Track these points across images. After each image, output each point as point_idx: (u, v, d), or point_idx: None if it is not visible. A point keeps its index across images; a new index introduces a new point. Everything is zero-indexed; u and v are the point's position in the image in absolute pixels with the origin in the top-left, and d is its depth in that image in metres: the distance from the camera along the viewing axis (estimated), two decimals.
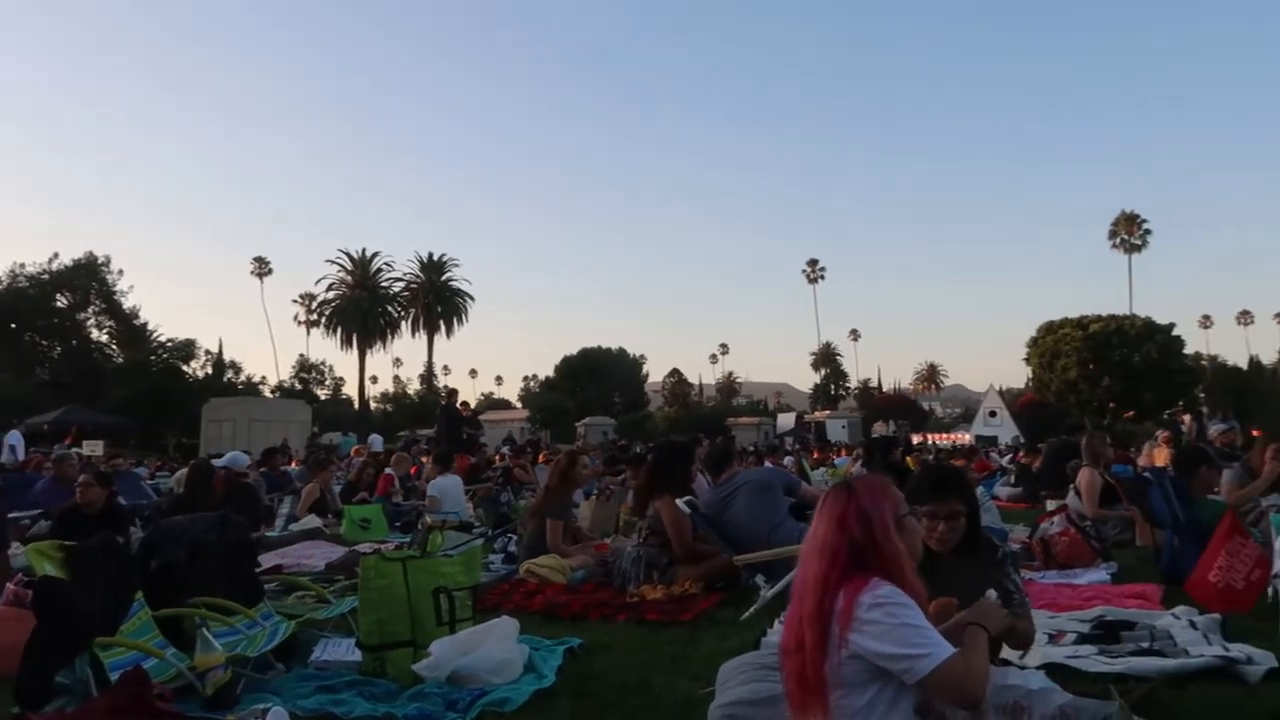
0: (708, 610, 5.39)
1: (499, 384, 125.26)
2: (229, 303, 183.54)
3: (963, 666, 2.14)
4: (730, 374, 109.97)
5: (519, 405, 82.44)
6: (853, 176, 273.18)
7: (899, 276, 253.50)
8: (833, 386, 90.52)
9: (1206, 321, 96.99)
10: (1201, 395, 49.77)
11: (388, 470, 11.70)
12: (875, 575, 2.19)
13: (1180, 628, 4.45)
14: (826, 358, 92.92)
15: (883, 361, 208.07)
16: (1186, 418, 22.66)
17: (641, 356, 76.53)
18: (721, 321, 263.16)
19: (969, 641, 2.32)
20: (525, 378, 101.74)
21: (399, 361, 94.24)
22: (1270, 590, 4.82)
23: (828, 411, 66.15)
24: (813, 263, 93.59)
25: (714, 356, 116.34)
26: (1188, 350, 50.70)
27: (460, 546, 5.15)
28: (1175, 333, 48.06)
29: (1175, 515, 6.03)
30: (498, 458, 17.42)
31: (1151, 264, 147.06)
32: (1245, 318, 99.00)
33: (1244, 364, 59.12)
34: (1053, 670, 3.77)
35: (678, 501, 6.30)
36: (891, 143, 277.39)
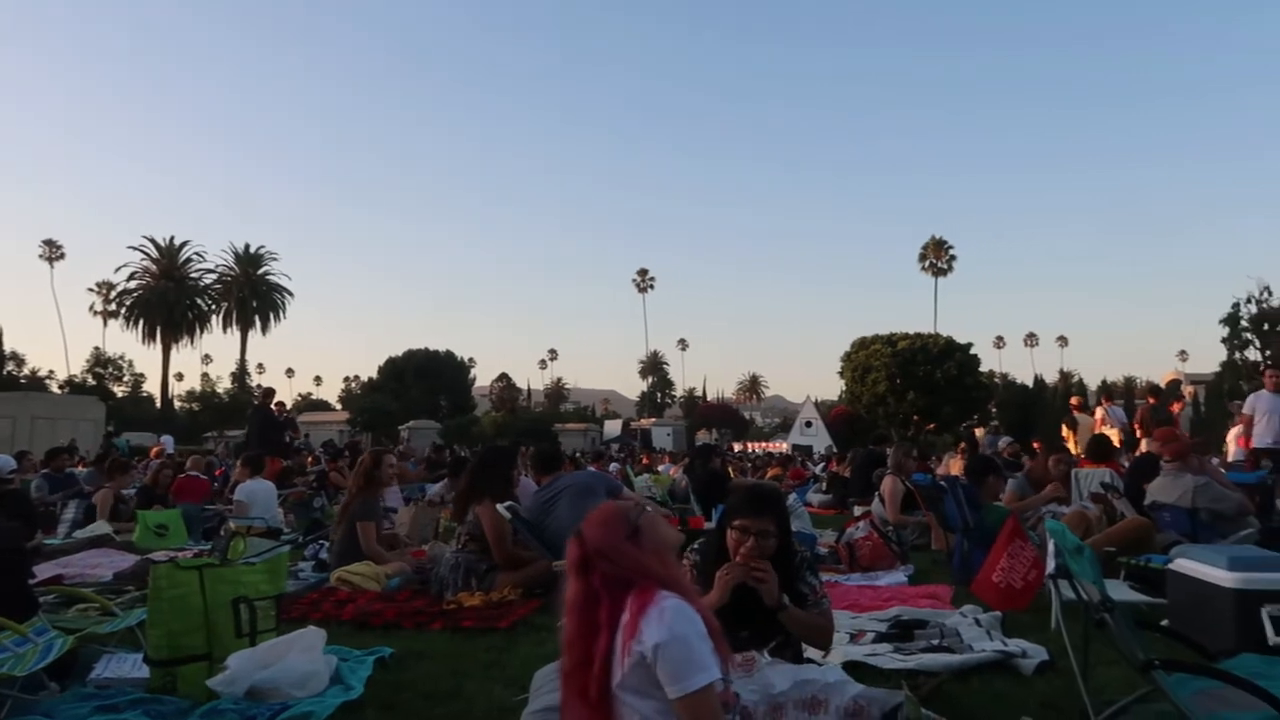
0: (525, 616, 5.34)
1: (318, 384, 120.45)
2: (12, 288, 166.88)
3: (712, 699, 2.15)
4: (559, 380, 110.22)
5: (339, 407, 79.57)
6: (685, 188, 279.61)
7: (727, 289, 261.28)
8: (659, 394, 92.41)
9: (1000, 342, 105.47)
10: (993, 410, 53.93)
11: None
12: (656, 588, 2.22)
13: (967, 625, 4.79)
14: (654, 366, 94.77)
15: (708, 371, 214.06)
16: (980, 431, 24.45)
17: (470, 360, 75.45)
18: (552, 327, 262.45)
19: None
20: (346, 378, 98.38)
21: (208, 358, 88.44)
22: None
23: (653, 419, 67.32)
24: (643, 272, 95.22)
25: (543, 362, 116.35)
26: (983, 368, 54.82)
27: (265, 553, 4.87)
28: (973, 351, 51.86)
29: (965, 521, 6.48)
30: (310, 460, 16.71)
31: (955, 287, 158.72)
32: (1031, 340, 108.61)
33: (1030, 382, 64.42)
34: (852, 667, 3.96)
35: (498, 506, 6.23)
36: (723, 155, 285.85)
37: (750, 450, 41.79)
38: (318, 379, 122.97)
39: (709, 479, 10.17)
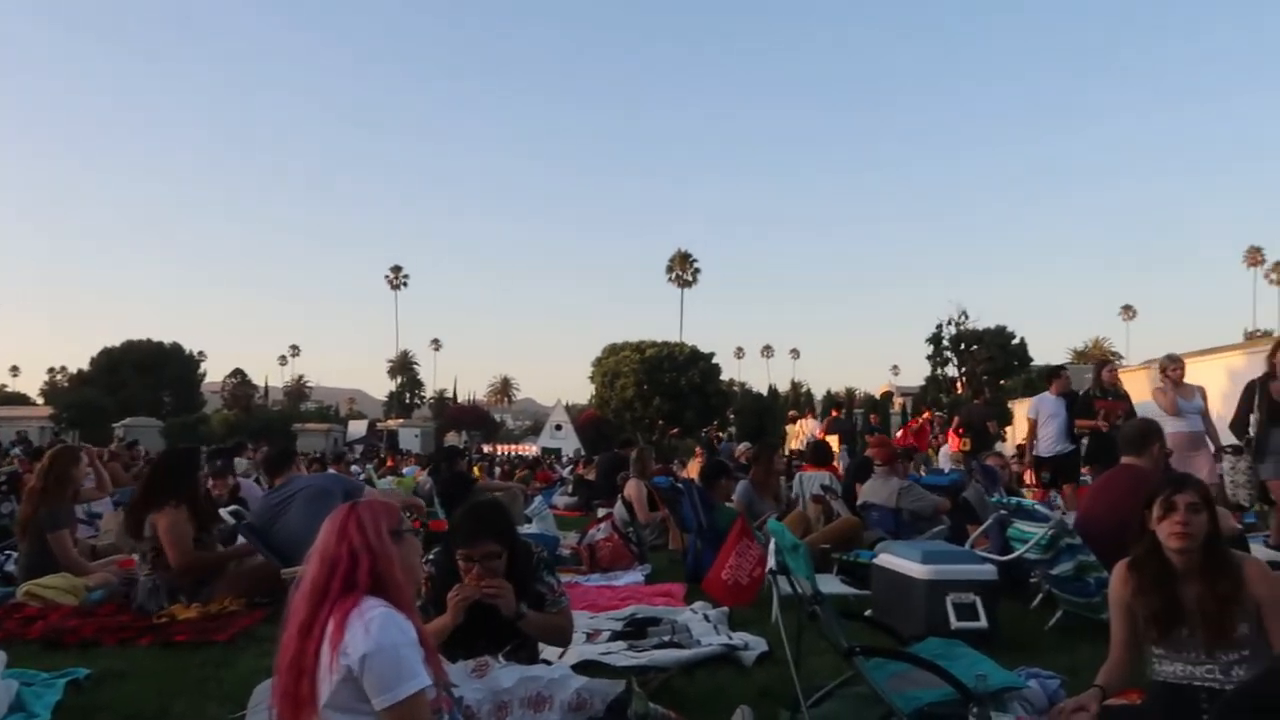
0: (248, 628, 5.00)
1: (15, 375, 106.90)
2: None
3: (423, 708, 2.12)
4: (300, 377, 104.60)
5: (40, 401, 71.22)
6: (443, 187, 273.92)
7: (483, 291, 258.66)
8: (409, 395, 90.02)
9: (740, 353, 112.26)
10: (731, 416, 57.10)
11: None
12: (368, 593, 2.15)
13: (696, 621, 5.03)
14: (404, 366, 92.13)
15: (460, 372, 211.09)
16: (719, 435, 25.81)
17: (200, 353, 70.33)
18: (295, 322, 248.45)
19: (437, 632, 2.38)
20: (51, 370, 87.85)
21: None
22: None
23: (401, 420, 65.68)
24: (396, 269, 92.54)
25: (284, 358, 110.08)
26: (723, 377, 57.94)
27: None
28: (714, 361, 54.71)
29: (699, 521, 6.79)
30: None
31: (700, 298, 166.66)
32: (768, 351, 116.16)
33: (765, 390, 68.78)
34: (587, 666, 4.05)
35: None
36: (484, 156, 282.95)
37: (500, 453, 41.67)
38: (14, 369, 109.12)
39: (453, 481, 10.05)
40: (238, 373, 78.73)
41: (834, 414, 17.67)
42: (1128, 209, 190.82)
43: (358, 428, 56.52)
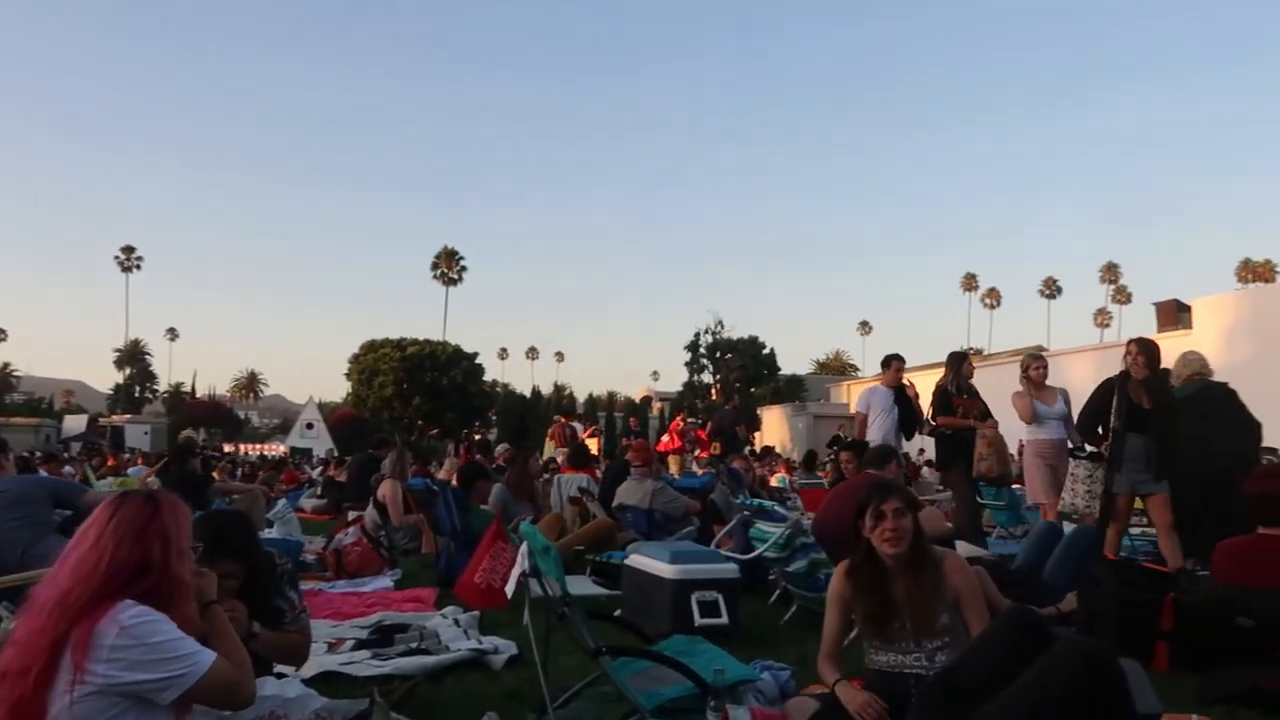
0: None
1: None
2: None
3: (225, 667, 2.04)
4: (6, 365, 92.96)
5: None
6: (182, 158, 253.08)
7: (228, 277, 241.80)
8: (139, 388, 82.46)
9: (504, 354, 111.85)
10: (494, 417, 56.77)
11: None
12: (126, 597, 1.97)
13: (446, 626, 4.93)
14: (134, 356, 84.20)
15: (201, 365, 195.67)
16: (478, 436, 25.58)
17: None
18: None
19: (214, 623, 2.24)
20: None
21: None
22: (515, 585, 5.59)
23: (129, 415, 60.18)
24: (128, 250, 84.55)
25: None
26: (487, 378, 57.45)
27: None
28: (478, 361, 54.12)
29: (454, 524, 6.68)
30: None
31: (465, 297, 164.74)
32: (533, 353, 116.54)
33: (528, 392, 68.89)
34: (328, 678, 3.87)
35: None
36: (229, 124, 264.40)
37: (243, 452, 39.09)
38: None
39: (184, 482, 9.27)
40: None
41: (563, 420, 18.80)
42: (864, 233, 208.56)
43: (75, 423, 51.01)
